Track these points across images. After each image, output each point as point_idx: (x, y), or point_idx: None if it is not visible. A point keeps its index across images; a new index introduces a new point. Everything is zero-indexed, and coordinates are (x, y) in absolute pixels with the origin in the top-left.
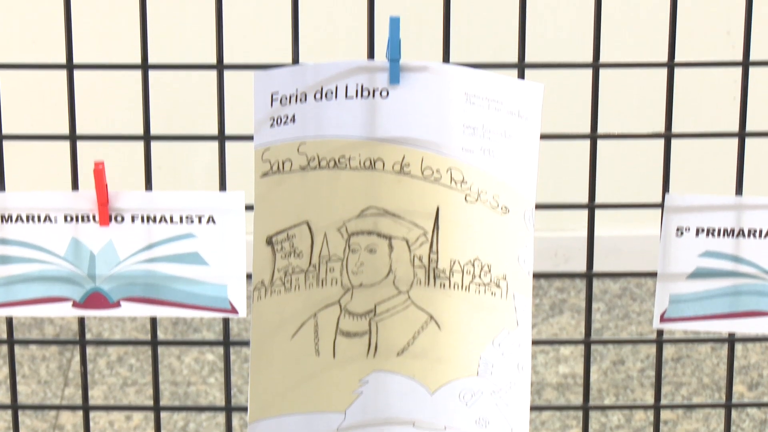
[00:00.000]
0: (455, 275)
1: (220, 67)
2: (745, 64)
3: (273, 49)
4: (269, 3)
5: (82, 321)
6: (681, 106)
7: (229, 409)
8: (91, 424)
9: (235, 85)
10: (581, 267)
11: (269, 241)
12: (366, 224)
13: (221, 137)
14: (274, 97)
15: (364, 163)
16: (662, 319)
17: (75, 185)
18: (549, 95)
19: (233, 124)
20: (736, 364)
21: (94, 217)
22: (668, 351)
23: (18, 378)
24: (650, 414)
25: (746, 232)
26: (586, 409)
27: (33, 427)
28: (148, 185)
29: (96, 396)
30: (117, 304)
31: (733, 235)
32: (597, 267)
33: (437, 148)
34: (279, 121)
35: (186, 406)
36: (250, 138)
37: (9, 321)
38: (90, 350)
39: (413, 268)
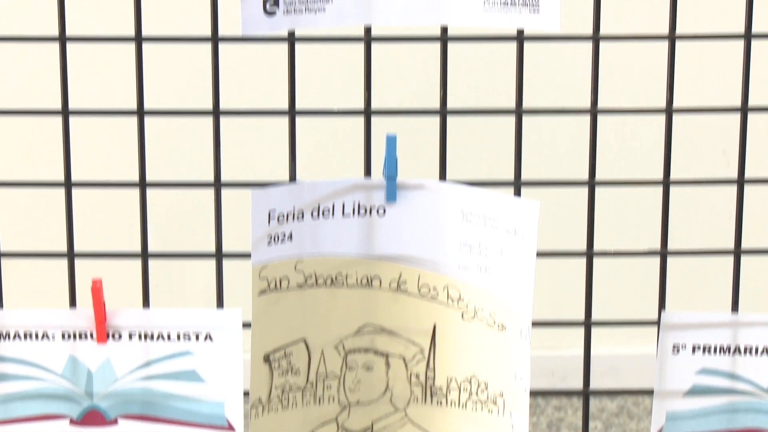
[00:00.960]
0: (452, 393)
1: (217, 185)
2: (740, 182)
3: (270, 167)
4: (266, 121)
5: None
6: (677, 223)
7: None
8: None
9: (233, 203)
10: (578, 385)
11: (266, 359)
12: (363, 342)
13: (218, 255)
14: (271, 215)
15: (361, 281)
16: None
17: (72, 303)
18: (545, 212)
19: (230, 241)
20: None
21: (91, 335)
22: None
23: None
24: None
25: (743, 350)
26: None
27: None
28: (146, 303)
29: None
30: (114, 422)
31: (729, 352)
32: (594, 385)
33: (434, 265)
34: (276, 238)
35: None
36: (247, 256)
37: None
38: None
39: (410, 386)
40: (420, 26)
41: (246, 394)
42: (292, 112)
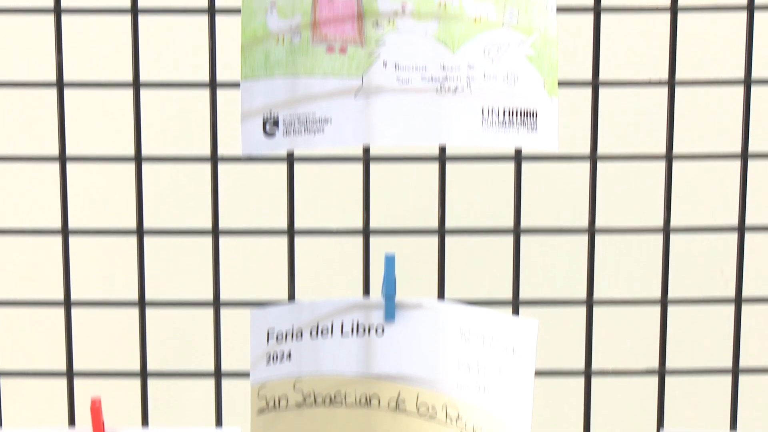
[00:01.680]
0: None
1: (216, 304)
2: (738, 301)
3: (269, 286)
4: (265, 240)
5: None
6: (675, 342)
7: None
8: None
9: (231, 322)
10: None
11: None
12: None
13: (217, 374)
14: (270, 334)
15: (360, 400)
16: None
17: (72, 422)
18: (543, 331)
19: (230, 360)
20: None
21: None
22: None
23: None
24: None
25: None
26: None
27: None
28: (144, 422)
29: None
30: None
31: None
32: None
33: (432, 384)
34: (275, 358)
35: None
36: (246, 375)
37: None
38: None
39: None
40: (418, 146)
41: None
42: (290, 232)
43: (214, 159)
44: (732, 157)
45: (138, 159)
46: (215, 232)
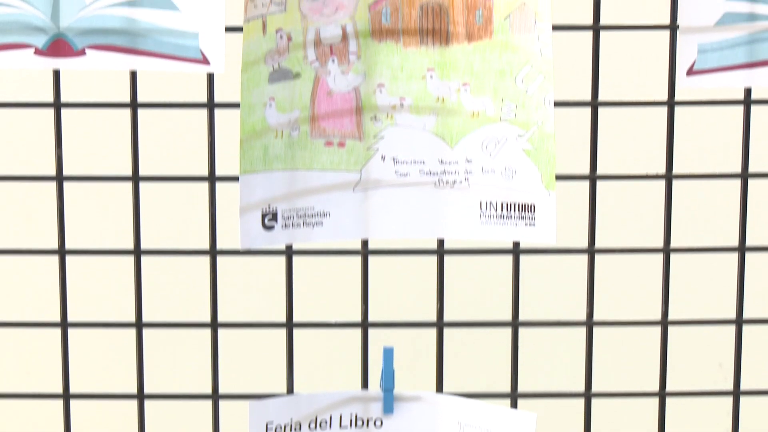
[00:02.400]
0: None
1: (215, 397)
2: (736, 393)
3: (268, 378)
4: (264, 333)
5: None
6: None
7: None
8: None
9: (230, 414)
10: None
11: None
12: None
13: None
14: (269, 427)
15: None
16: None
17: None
18: (542, 424)
19: None
20: None
21: None
22: None
23: None
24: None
25: None
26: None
27: None
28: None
29: None
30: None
31: None
32: None
33: None
34: None
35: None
36: None
37: None
38: None
39: None
40: (417, 239)
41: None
42: (289, 324)
43: (213, 252)
44: (730, 250)
45: (137, 252)
46: (214, 324)
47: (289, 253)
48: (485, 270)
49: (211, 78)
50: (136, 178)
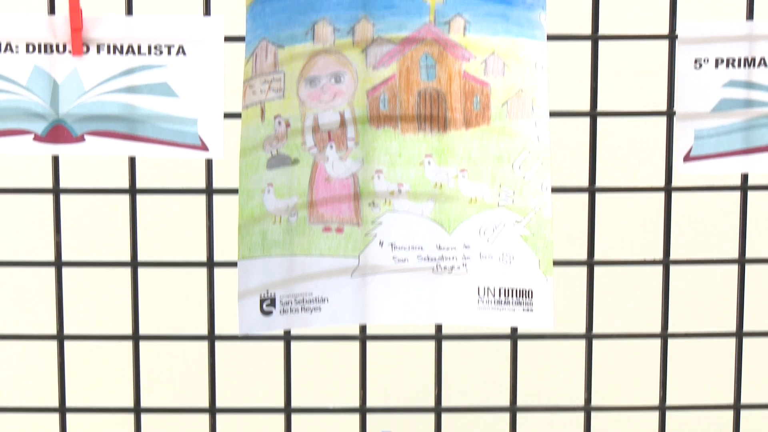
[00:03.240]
0: None
1: None
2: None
3: None
4: (262, 418)
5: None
6: None
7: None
8: None
9: None
10: None
11: None
12: None
13: None
14: None
15: None
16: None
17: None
18: None
19: None
20: None
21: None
22: None
23: None
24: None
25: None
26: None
27: None
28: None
29: None
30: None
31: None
32: None
33: None
34: None
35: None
36: None
37: None
38: None
39: None
40: (415, 324)
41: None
42: (287, 410)
43: (212, 338)
44: (727, 334)
45: (135, 337)
46: (212, 410)
47: (287, 338)
48: (483, 355)
49: (209, 164)
50: (134, 264)
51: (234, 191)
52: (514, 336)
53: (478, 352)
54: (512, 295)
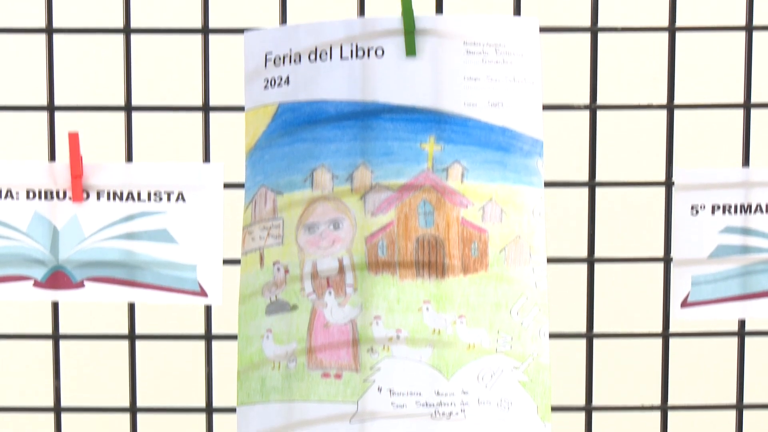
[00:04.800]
0: None
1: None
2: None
3: None
4: None
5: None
6: None
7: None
8: None
9: None
10: None
11: None
12: None
13: None
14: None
15: None
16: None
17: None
18: None
19: None
20: None
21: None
22: None
23: None
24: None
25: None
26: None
27: None
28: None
29: None
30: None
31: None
32: None
33: None
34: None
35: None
36: None
37: None
38: None
39: None
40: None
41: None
42: None
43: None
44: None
45: (133, 409)
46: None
47: None
48: None
49: (209, 309)
50: (133, 409)
51: (233, 337)
52: None
53: None
54: None
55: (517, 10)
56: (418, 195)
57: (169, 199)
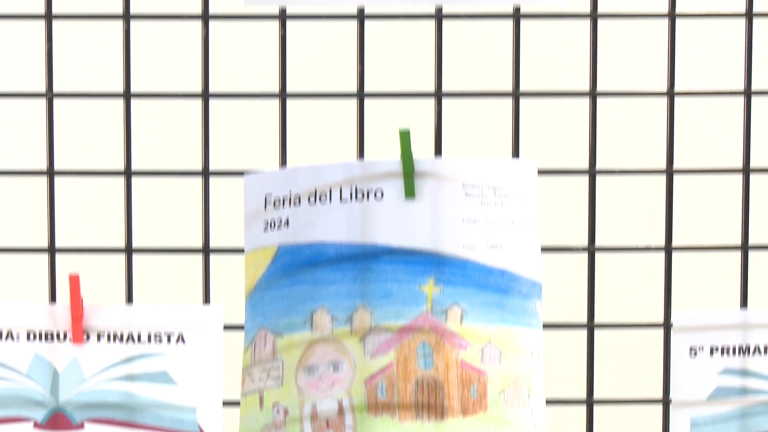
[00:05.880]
0: None
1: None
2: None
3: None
4: None
5: None
6: None
7: None
8: None
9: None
10: None
11: None
12: None
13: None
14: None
15: None
16: None
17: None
18: None
19: None
20: None
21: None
22: None
23: None
24: None
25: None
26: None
27: None
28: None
29: None
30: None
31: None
32: None
33: None
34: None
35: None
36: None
37: None
38: None
39: None
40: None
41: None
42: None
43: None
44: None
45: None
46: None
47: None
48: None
49: None
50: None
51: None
52: None
53: None
54: None
55: (516, 152)
56: (417, 337)
57: (169, 340)
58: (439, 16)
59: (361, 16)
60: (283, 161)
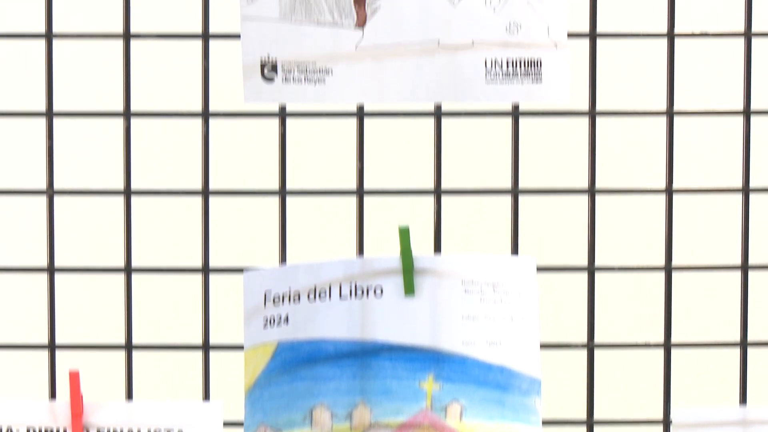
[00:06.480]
0: None
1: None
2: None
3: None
4: None
5: None
6: None
7: None
8: None
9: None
10: None
11: None
12: None
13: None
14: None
15: None
16: None
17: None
18: None
19: None
20: None
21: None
22: None
23: None
24: None
25: None
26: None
27: None
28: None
29: None
30: None
31: None
32: None
33: None
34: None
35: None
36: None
37: None
38: None
39: None
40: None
41: None
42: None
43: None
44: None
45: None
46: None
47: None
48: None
49: None
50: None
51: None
52: None
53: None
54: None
55: (515, 249)
56: None
57: None
58: (438, 114)
59: (360, 114)
60: (283, 258)
